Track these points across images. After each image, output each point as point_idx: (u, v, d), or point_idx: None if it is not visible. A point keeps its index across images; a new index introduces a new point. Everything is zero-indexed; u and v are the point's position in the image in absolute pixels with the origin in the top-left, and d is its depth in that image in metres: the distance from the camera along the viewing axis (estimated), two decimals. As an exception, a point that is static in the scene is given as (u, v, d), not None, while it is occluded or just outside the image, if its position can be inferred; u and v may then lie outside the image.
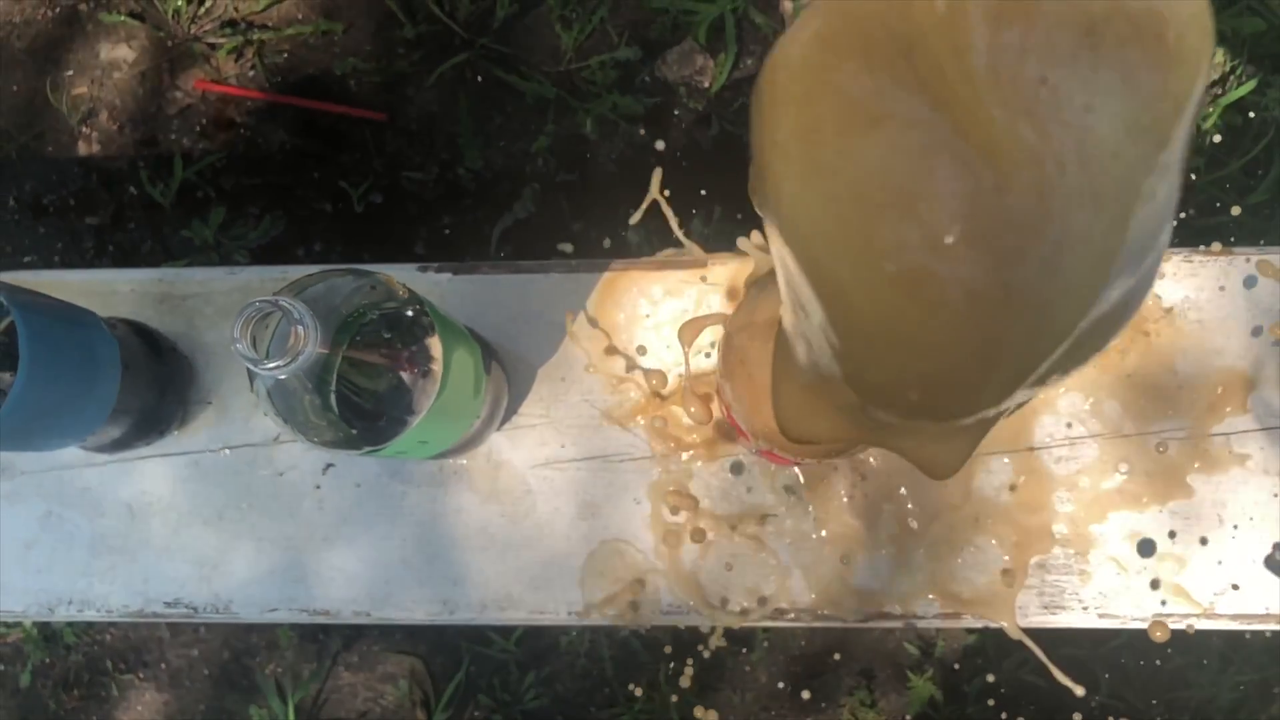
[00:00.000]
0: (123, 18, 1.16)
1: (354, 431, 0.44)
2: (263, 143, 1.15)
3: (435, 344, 0.46)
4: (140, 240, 1.14)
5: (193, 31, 1.16)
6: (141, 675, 1.14)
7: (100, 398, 0.54)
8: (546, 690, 1.08)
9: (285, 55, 1.16)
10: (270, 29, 1.16)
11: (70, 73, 1.17)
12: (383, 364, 0.44)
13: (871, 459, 0.59)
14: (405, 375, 0.45)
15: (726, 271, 0.62)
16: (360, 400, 0.44)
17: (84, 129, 1.17)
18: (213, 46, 1.16)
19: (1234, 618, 0.56)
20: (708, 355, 0.61)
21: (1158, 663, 1.04)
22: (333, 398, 0.43)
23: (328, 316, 0.41)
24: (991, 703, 1.04)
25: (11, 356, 0.50)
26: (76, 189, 1.16)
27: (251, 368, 0.38)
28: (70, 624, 1.13)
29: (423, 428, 0.46)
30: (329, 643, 1.12)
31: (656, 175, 0.61)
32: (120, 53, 1.17)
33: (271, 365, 0.38)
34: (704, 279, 0.62)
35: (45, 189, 1.16)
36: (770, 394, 0.31)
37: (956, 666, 1.05)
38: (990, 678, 1.03)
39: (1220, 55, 1.00)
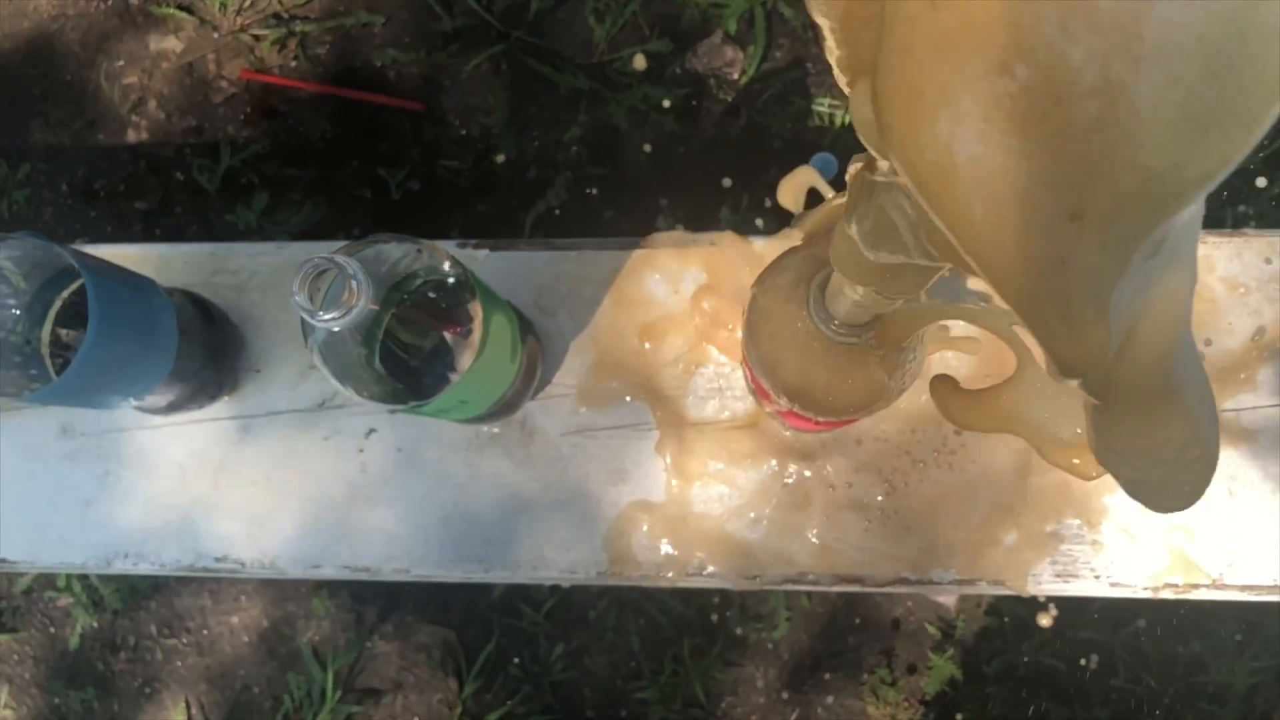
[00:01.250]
0: (172, 10, 1.20)
1: (400, 386, 0.47)
2: (304, 131, 1.19)
3: (476, 308, 0.49)
4: (186, 224, 1.18)
5: (238, 23, 1.20)
6: (184, 640, 1.18)
7: (159, 357, 0.58)
8: (574, 662, 1.11)
9: (327, 47, 1.19)
10: (312, 21, 1.20)
11: (121, 63, 1.22)
12: (428, 323, 0.47)
13: (888, 425, 0.61)
14: (448, 335, 0.48)
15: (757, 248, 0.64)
16: (406, 357, 0.47)
17: (133, 117, 1.21)
18: (257, 38, 1.20)
19: (1242, 588, 0.58)
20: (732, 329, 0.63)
21: (1176, 648, 1.05)
22: (380, 353, 0.46)
23: (378, 277, 0.44)
24: (1010, 684, 1.06)
25: (81, 316, 0.54)
26: (126, 175, 1.20)
27: (308, 319, 0.41)
28: (117, 590, 1.17)
29: (463, 387, 0.49)
30: (365, 613, 1.15)
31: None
32: (169, 44, 1.21)
33: (326, 317, 0.41)
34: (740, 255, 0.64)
35: (96, 175, 1.21)
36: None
37: (976, 647, 1.07)
38: (1010, 659, 1.05)
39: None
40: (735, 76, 1.16)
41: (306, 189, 1.18)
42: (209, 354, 0.63)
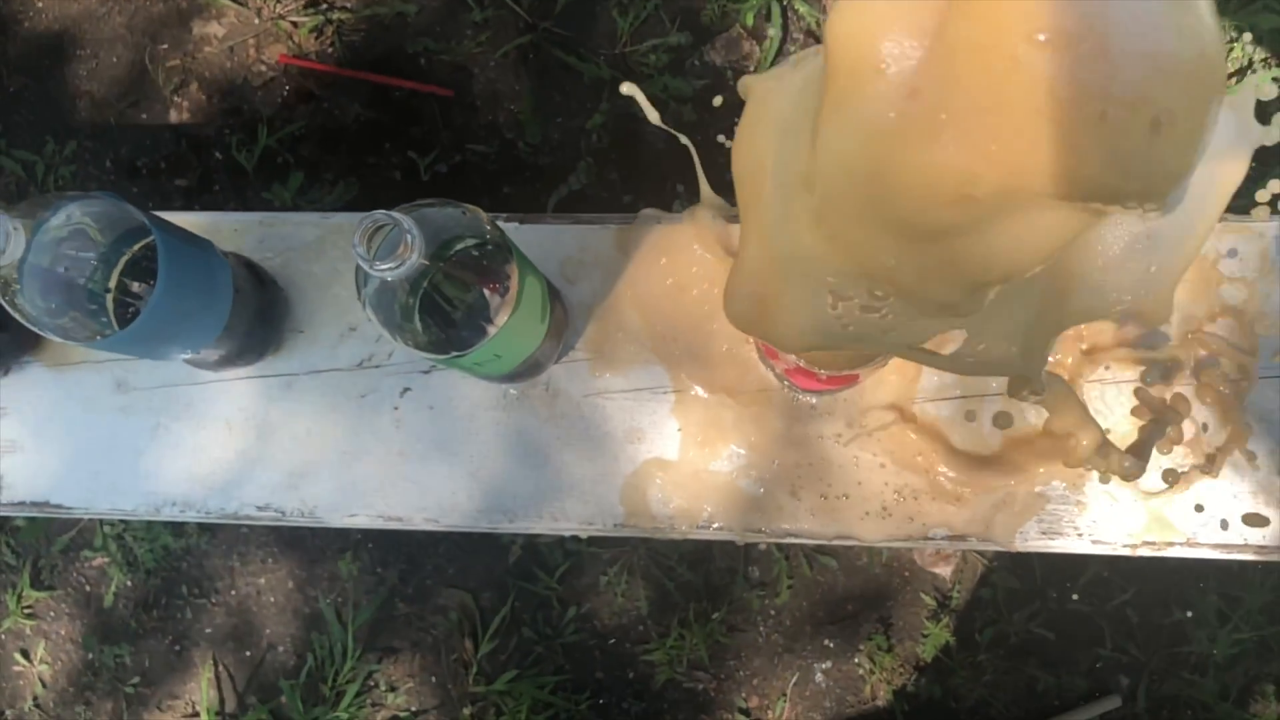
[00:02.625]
0: (214, -4, 1.26)
1: (442, 337, 0.52)
2: (339, 114, 1.24)
3: (512, 268, 0.53)
4: (224, 201, 1.24)
5: (277, 10, 1.25)
6: (213, 600, 1.23)
7: (215, 312, 0.62)
8: (585, 625, 1.16)
9: (362, 34, 1.25)
10: (348, 10, 1.25)
11: (165, 46, 1.27)
12: (469, 279, 0.52)
13: (890, 377, 0.65)
14: (486, 292, 0.53)
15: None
16: (449, 309, 0.52)
17: (176, 98, 1.27)
18: (295, 25, 1.25)
19: (1214, 547, 0.62)
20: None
21: (1160, 619, 1.10)
22: (426, 305, 0.51)
23: (426, 236, 0.49)
24: (1002, 651, 1.11)
25: (146, 271, 0.59)
26: (168, 153, 1.26)
27: (365, 268, 0.46)
28: (150, 550, 1.22)
29: (498, 341, 0.54)
30: (386, 576, 1.20)
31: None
32: (211, 29, 1.27)
33: (382, 268, 0.46)
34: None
35: (139, 153, 1.26)
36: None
37: (970, 616, 1.12)
38: (1002, 629, 1.10)
39: (1239, 50, 1.06)
40: (752, 69, 1.20)
41: (339, 169, 1.23)
42: (258, 313, 0.68)
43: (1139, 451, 0.57)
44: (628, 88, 0.57)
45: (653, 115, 0.58)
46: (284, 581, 1.22)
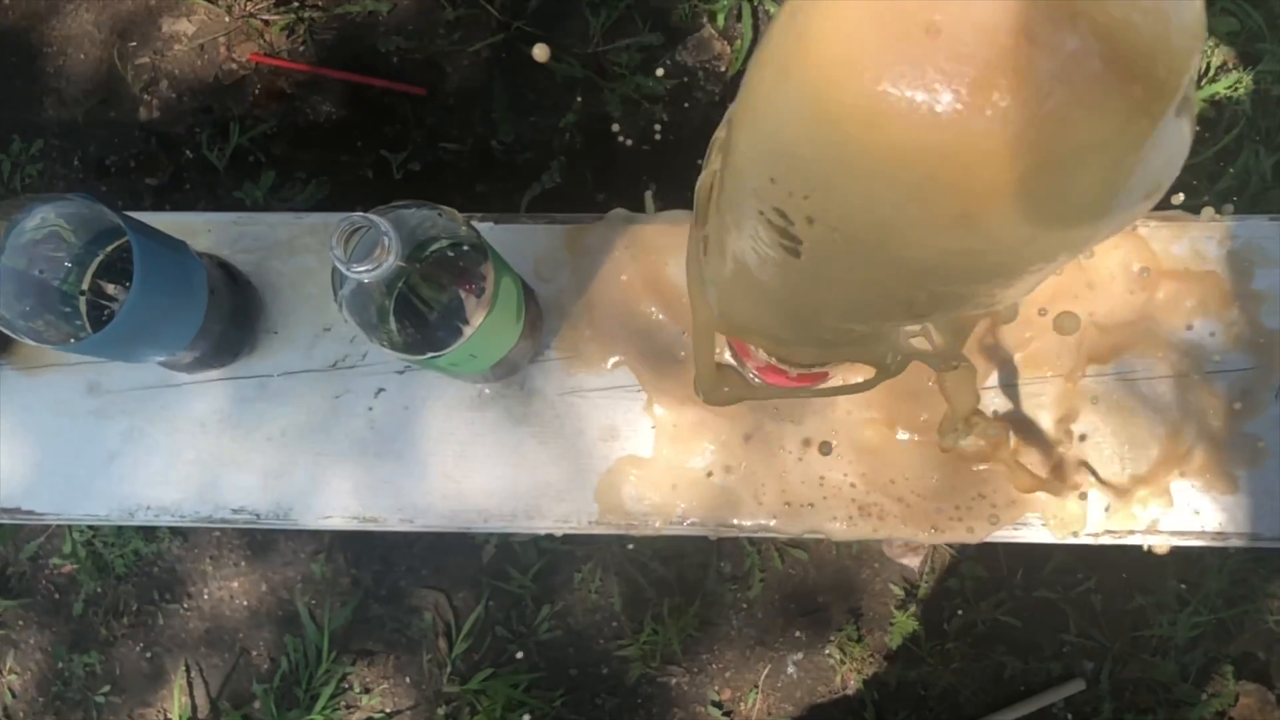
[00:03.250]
0: (183, -6, 1.25)
1: (418, 337, 0.53)
2: (311, 113, 1.24)
3: (488, 269, 0.54)
4: (195, 200, 1.23)
5: (248, 8, 1.25)
6: (185, 605, 1.22)
7: (191, 314, 0.62)
8: (559, 623, 1.17)
9: (334, 32, 1.24)
10: (320, 8, 1.24)
11: (134, 44, 1.26)
12: (445, 280, 0.53)
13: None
14: (462, 292, 0.53)
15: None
16: (425, 310, 0.52)
17: (146, 96, 1.26)
18: (267, 23, 1.25)
19: (1172, 534, 0.64)
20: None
21: (1122, 604, 1.14)
22: (402, 307, 0.52)
23: (403, 237, 0.49)
24: (969, 639, 1.14)
25: (119, 273, 0.59)
26: (137, 151, 1.24)
27: (342, 270, 0.46)
28: (121, 555, 1.21)
29: (474, 341, 0.55)
30: (360, 577, 1.20)
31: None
32: (181, 27, 1.26)
33: (359, 270, 0.46)
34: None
35: (108, 151, 1.25)
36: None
37: (938, 606, 1.15)
38: (969, 617, 1.12)
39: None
40: (723, 69, 1.21)
41: (312, 168, 1.23)
42: (233, 314, 0.68)
43: (1061, 475, 0.64)
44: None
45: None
46: (257, 585, 1.21)
